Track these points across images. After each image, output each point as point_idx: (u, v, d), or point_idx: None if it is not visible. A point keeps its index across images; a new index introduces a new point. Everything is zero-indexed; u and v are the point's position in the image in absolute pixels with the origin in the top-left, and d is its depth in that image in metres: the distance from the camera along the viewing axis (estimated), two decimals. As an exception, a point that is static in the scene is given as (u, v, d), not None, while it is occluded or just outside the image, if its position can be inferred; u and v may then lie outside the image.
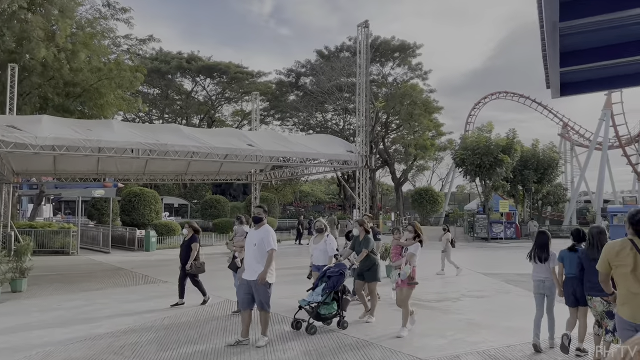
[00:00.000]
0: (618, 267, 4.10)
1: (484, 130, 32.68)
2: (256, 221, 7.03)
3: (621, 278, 4.08)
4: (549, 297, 6.76)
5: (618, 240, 4.20)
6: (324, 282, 7.74)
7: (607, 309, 5.52)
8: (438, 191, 60.47)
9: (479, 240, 31.85)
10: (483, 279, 13.77)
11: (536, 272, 6.85)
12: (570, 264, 6.26)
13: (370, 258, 8.47)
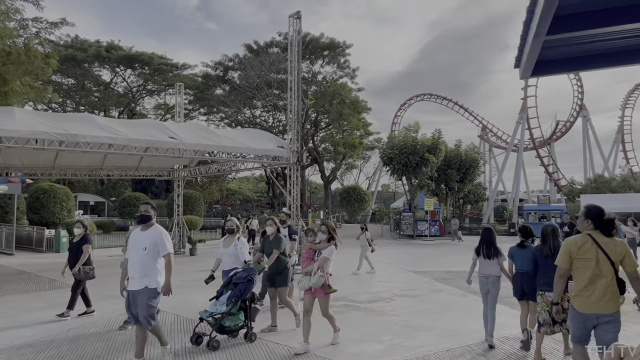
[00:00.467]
0: (580, 260, 4.29)
1: (411, 130, 33.26)
2: (144, 220, 5.92)
3: (581, 271, 4.27)
4: (491, 293, 6.85)
5: (578, 236, 4.41)
6: (229, 289, 6.75)
7: None
8: (365, 190, 61.33)
9: (405, 238, 32.35)
10: (414, 277, 13.66)
11: (482, 268, 6.94)
12: (521, 259, 6.48)
13: (281, 260, 7.59)
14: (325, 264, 6.45)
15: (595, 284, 4.20)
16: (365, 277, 13.62)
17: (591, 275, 4.21)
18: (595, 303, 4.18)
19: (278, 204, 48.98)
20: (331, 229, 6.63)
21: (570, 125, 53.72)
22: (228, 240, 7.57)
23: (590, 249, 4.25)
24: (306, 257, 6.69)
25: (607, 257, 4.19)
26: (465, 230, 39.23)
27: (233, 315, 6.60)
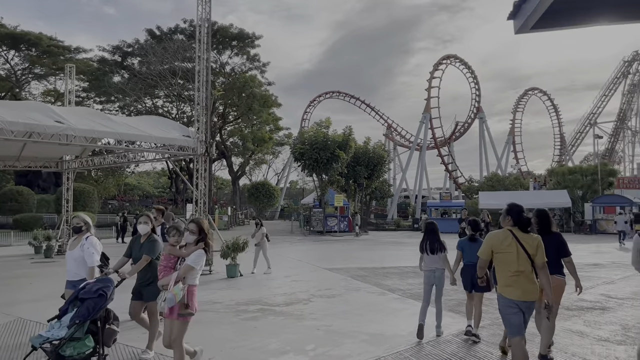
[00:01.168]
0: (501, 254, 4.66)
1: (323, 125, 32.96)
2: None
3: (504, 264, 4.65)
4: (438, 286, 6.80)
5: (499, 231, 4.79)
6: (75, 307, 4.95)
7: None
8: (275, 185, 60.50)
9: (315, 234, 32.02)
10: (329, 275, 13.06)
11: (427, 263, 6.83)
12: (470, 252, 6.53)
13: (153, 268, 5.82)
14: (189, 274, 4.81)
15: (518, 276, 4.56)
16: (279, 277, 12.79)
17: (513, 268, 4.58)
18: (520, 292, 4.55)
19: (182, 200, 46.56)
20: (203, 228, 5.01)
21: (468, 126, 56.89)
22: (75, 241, 5.76)
23: (511, 243, 4.63)
24: (164, 265, 5.04)
25: (524, 250, 4.59)
26: (372, 225, 39.89)
27: (77, 341, 4.77)
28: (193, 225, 5.00)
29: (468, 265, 6.56)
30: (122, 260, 6.01)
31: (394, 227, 39.93)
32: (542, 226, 5.77)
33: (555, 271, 5.55)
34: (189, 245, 4.98)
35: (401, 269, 14.03)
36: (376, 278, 12.25)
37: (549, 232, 5.68)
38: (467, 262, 6.62)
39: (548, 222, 5.76)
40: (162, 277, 4.96)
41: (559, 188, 37.56)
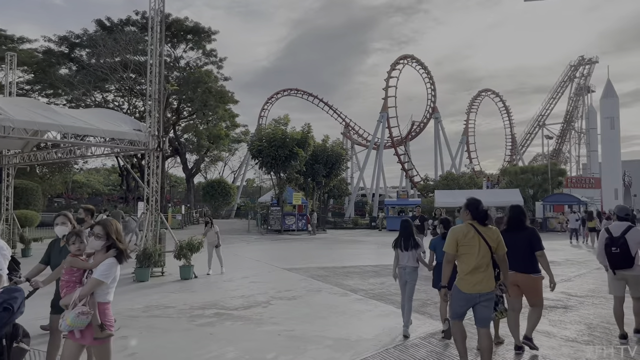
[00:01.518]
0: (465, 247, 4.79)
1: (281, 122, 32.44)
2: None
3: (467, 257, 4.78)
4: (409, 283, 6.73)
5: (462, 225, 4.92)
6: None
7: None
8: (231, 183, 59.41)
9: (272, 233, 31.49)
10: (288, 275, 12.64)
11: (400, 260, 6.82)
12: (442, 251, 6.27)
13: None
14: (98, 289, 3.89)
15: (479, 267, 4.72)
16: (236, 278, 12.26)
17: (476, 259, 4.72)
18: (479, 284, 4.71)
19: (133, 198, 44.89)
20: (109, 231, 4.04)
21: (423, 126, 57.71)
22: None
23: (473, 236, 4.79)
24: (66, 280, 4.08)
25: (486, 243, 4.76)
26: (330, 224, 39.71)
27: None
28: (99, 228, 4.04)
29: (440, 263, 6.44)
30: (38, 268, 5.06)
31: (352, 226, 39.91)
32: (517, 221, 5.84)
33: (532, 269, 5.66)
34: (97, 254, 4.04)
35: (362, 268, 13.78)
36: (337, 278, 11.93)
37: (523, 227, 5.79)
38: (440, 260, 6.53)
39: (523, 217, 5.86)
40: (64, 295, 3.97)
41: (511, 187, 38.58)
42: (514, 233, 5.73)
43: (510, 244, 5.44)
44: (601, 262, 6.52)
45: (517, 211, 5.92)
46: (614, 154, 50.16)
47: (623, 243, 6.17)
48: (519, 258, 5.62)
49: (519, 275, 5.64)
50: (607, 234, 6.44)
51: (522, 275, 5.63)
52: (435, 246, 6.75)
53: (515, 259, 5.55)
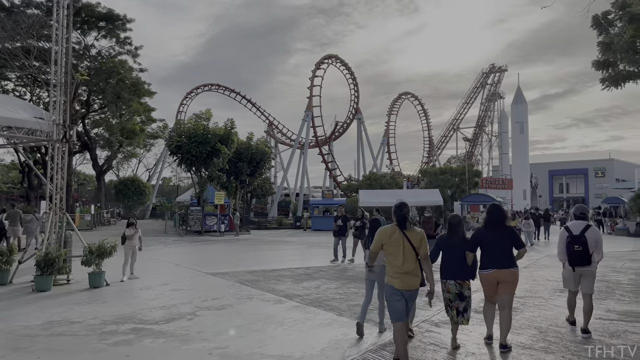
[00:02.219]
0: (391, 246, 5.13)
1: (203, 117, 30.83)
2: None
3: (393, 257, 5.12)
4: (378, 282, 6.63)
5: (389, 226, 5.28)
6: None
7: (459, 291, 5.85)
8: (145, 182, 56.29)
9: (192, 234, 29.82)
10: (214, 281, 11.56)
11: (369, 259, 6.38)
12: None
13: None
14: None
15: (405, 266, 5.04)
16: (155, 285, 10.99)
17: (402, 258, 5.05)
18: (406, 281, 5.04)
19: (35, 197, 40.93)
20: None
21: (347, 126, 58.04)
22: None
23: (398, 237, 5.14)
24: None
25: (410, 243, 5.10)
26: (254, 224, 38.55)
27: None
28: None
29: None
30: None
31: (276, 226, 38.99)
32: (496, 221, 5.94)
33: (512, 264, 5.81)
34: None
35: (293, 271, 13.00)
36: (268, 283, 11.05)
37: (503, 226, 5.93)
38: None
39: (502, 216, 5.98)
40: None
41: (431, 187, 39.61)
42: (494, 231, 5.87)
43: (491, 242, 5.82)
44: (561, 259, 6.85)
45: (498, 210, 6.04)
46: (523, 156, 53.43)
47: (584, 241, 6.50)
48: (500, 255, 5.79)
49: (502, 271, 5.77)
50: (567, 232, 6.72)
51: (504, 271, 5.77)
52: None
53: (496, 255, 5.79)
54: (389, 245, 5.15)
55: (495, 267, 5.76)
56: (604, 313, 7.68)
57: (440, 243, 6.11)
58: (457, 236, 5.96)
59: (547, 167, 76.64)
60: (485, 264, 5.86)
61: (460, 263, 5.85)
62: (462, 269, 5.86)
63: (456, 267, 5.84)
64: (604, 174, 73.91)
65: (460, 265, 5.85)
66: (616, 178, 71.96)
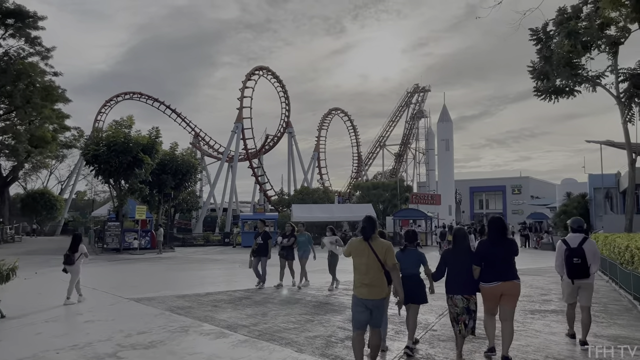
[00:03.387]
0: (357, 257, 5.29)
1: (124, 124, 28.36)
2: None
3: (358, 266, 5.26)
4: None
5: (358, 238, 5.41)
6: None
7: (466, 305, 5.74)
8: (57, 195, 51.78)
9: (109, 252, 27.14)
10: (139, 309, 9.83)
11: None
12: (406, 263, 6.36)
13: None
14: None
15: (368, 275, 5.12)
16: (65, 315, 9.12)
17: (365, 268, 5.14)
18: (370, 291, 5.10)
19: None
20: None
21: (277, 140, 56.87)
22: None
23: (364, 248, 5.21)
24: None
25: (375, 254, 5.14)
26: (179, 241, 36.08)
27: None
28: None
29: (404, 277, 6.02)
30: None
31: (203, 242, 36.76)
32: (497, 233, 5.84)
33: (515, 276, 5.74)
34: None
35: (231, 295, 11.50)
36: (204, 310, 9.51)
37: (504, 238, 5.84)
38: (403, 274, 6.01)
39: (503, 229, 5.89)
40: None
41: (363, 202, 39.30)
42: (497, 244, 5.82)
43: (494, 254, 5.75)
44: (559, 272, 6.88)
45: (500, 223, 5.92)
46: (448, 173, 54.86)
47: (583, 254, 6.54)
48: (503, 267, 5.72)
49: (506, 284, 5.70)
50: (565, 245, 6.73)
51: (508, 283, 5.70)
52: (399, 259, 6.19)
53: (499, 268, 5.72)
54: (355, 256, 5.27)
55: (500, 280, 5.70)
56: (593, 339, 6.97)
57: (447, 257, 6.05)
58: (463, 250, 5.93)
59: (468, 184, 79.65)
60: (488, 276, 5.75)
61: (466, 277, 5.79)
62: (469, 284, 5.79)
63: (463, 282, 5.76)
64: (520, 191, 78.03)
65: (467, 280, 5.79)
66: (531, 195, 76.25)
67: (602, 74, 17.22)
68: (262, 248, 12.71)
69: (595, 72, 17.41)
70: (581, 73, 17.52)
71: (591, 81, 17.24)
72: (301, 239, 13.00)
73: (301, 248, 12.97)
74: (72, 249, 10.76)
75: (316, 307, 9.75)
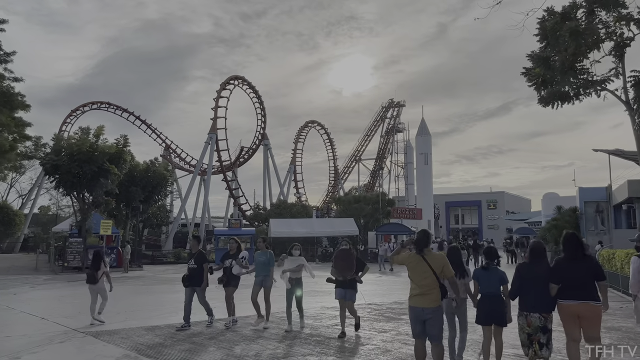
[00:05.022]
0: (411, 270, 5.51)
1: (92, 133, 26.05)
2: None
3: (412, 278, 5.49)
4: (460, 314, 6.48)
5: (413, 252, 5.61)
6: None
7: (542, 325, 5.39)
8: (16, 210, 48.52)
9: (70, 272, 24.69)
10: (95, 349, 7.81)
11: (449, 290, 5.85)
12: (487, 282, 6.08)
13: None
14: None
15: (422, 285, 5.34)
16: None
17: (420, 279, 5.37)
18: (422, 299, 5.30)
19: None
20: None
21: (252, 152, 54.93)
22: None
23: (419, 261, 5.43)
24: None
25: (430, 267, 5.33)
26: (147, 258, 33.59)
27: None
28: None
29: (485, 296, 6.09)
30: None
31: (173, 260, 34.30)
32: (574, 250, 5.46)
33: (592, 297, 5.25)
34: None
35: (211, 327, 9.59)
36: (180, 349, 7.58)
37: (582, 256, 5.46)
38: (483, 292, 6.12)
39: (580, 246, 5.51)
40: None
41: (344, 216, 37.66)
42: (574, 261, 5.41)
43: (571, 273, 5.33)
44: (635, 291, 6.56)
45: (576, 240, 5.51)
46: (427, 187, 53.89)
47: None
48: (581, 287, 5.28)
49: (583, 305, 5.23)
50: None
51: (583, 304, 5.24)
52: (478, 277, 6.21)
53: (575, 288, 5.30)
54: (409, 269, 5.51)
55: (576, 299, 5.27)
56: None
57: (522, 272, 5.67)
58: (542, 265, 5.57)
59: (444, 199, 79.19)
60: (565, 295, 5.32)
61: (543, 294, 5.40)
62: (546, 301, 5.40)
63: (539, 299, 5.41)
64: (496, 206, 77.93)
65: (544, 297, 5.40)
66: (507, 210, 76.16)
67: (608, 77, 16.10)
68: (195, 274, 9.48)
69: (601, 76, 16.30)
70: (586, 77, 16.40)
71: (598, 85, 16.08)
72: (260, 259, 9.51)
73: (260, 272, 9.42)
74: (94, 266, 10.15)
75: (320, 344, 7.95)
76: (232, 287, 9.59)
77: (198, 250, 9.92)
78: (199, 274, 9.45)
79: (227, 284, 9.53)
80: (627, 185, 21.75)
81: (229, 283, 9.53)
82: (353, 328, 8.75)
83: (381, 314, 11.21)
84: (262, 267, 9.45)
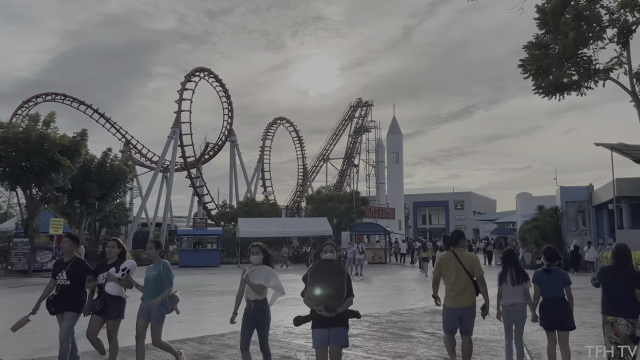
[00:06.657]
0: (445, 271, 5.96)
1: (42, 121, 23.49)
2: None
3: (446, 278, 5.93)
4: (518, 322, 6.07)
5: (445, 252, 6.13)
6: None
7: (631, 332, 5.08)
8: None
9: (14, 275, 22.15)
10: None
11: (507, 296, 6.09)
12: (549, 285, 5.85)
13: None
14: None
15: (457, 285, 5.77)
16: None
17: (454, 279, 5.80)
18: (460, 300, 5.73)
19: None
20: None
21: (218, 149, 52.68)
22: None
23: (451, 260, 5.89)
24: None
25: (462, 265, 5.78)
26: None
27: None
28: None
29: (547, 300, 5.78)
30: None
31: (134, 262, 31.86)
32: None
33: None
34: None
35: (180, 346, 7.73)
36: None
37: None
38: (546, 296, 5.80)
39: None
40: None
41: (316, 215, 36.08)
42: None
43: None
44: None
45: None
46: (398, 186, 52.95)
47: None
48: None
49: None
50: None
51: None
52: (539, 280, 5.85)
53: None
54: (444, 271, 5.92)
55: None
56: None
57: (605, 275, 5.48)
58: (626, 268, 5.33)
59: (412, 199, 78.86)
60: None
61: (629, 299, 5.09)
62: (632, 306, 5.09)
63: (625, 303, 5.09)
64: (463, 206, 78.14)
65: (630, 302, 5.08)
66: (474, 210, 76.39)
67: (612, 66, 15.08)
68: (65, 293, 6.16)
69: (604, 65, 15.27)
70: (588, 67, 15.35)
71: (602, 73, 15.03)
72: (150, 275, 6.37)
73: (149, 293, 6.29)
74: None
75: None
76: (114, 319, 6.21)
77: (74, 257, 6.28)
78: (74, 293, 6.15)
79: (104, 311, 6.09)
80: (615, 184, 20.96)
81: (105, 311, 6.10)
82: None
83: (384, 329, 9.58)
84: (152, 287, 6.30)
